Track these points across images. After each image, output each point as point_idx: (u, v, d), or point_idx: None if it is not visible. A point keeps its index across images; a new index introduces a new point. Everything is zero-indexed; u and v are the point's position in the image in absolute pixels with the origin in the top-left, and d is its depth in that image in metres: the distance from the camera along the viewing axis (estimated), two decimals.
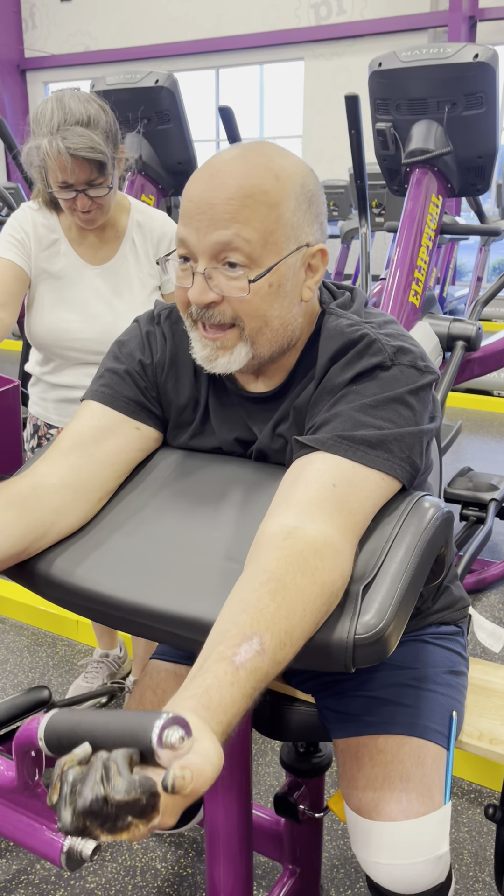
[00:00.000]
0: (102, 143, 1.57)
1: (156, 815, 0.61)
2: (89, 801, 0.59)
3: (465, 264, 9.79)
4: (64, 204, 1.67)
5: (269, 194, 0.93)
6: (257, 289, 0.94)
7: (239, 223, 0.92)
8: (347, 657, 0.82)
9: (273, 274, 0.95)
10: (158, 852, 1.77)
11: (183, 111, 2.77)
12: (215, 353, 0.99)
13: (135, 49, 12.02)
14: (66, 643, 2.60)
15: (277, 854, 1.59)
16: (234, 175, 0.93)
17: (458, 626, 1.27)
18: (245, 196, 0.92)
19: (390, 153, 2.56)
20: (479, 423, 5.28)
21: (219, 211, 0.92)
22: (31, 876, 1.71)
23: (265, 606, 0.78)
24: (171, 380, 1.12)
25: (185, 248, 0.96)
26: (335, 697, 1.18)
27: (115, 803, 0.59)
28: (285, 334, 1.00)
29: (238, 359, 0.99)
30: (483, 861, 1.74)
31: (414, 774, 1.07)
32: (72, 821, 0.60)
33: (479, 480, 3.10)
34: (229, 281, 0.94)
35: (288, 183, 0.95)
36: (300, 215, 0.96)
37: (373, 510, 0.93)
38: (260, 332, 0.98)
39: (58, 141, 1.53)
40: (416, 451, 0.97)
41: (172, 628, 0.90)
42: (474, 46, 2.29)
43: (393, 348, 0.98)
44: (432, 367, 1.01)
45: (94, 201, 1.63)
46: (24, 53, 13.34)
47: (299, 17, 10.82)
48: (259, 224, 0.93)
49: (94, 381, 1.14)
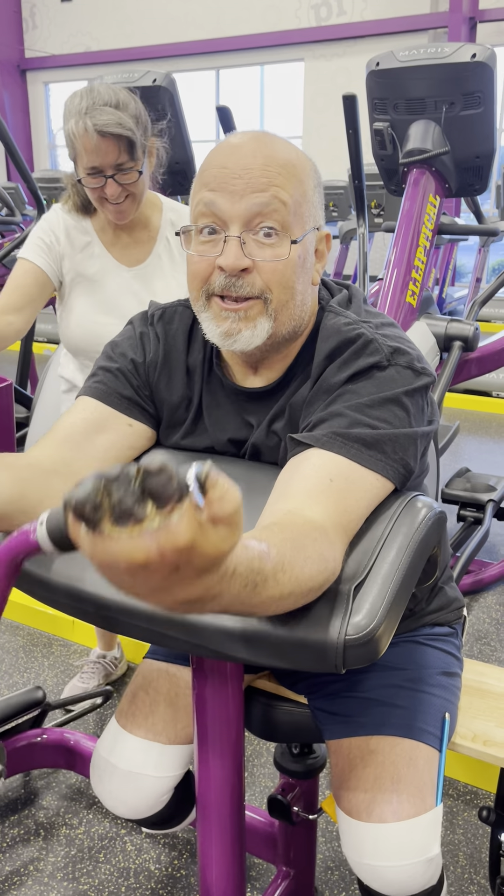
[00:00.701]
0: (132, 124, 1.56)
1: (176, 510, 0.52)
2: (118, 469, 0.52)
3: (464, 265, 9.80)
4: (93, 195, 1.63)
5: (296, 168, 0.96)
6: (293, 255, 0.96)
7: (276, 186, 0.94)
8: (338, 658, 0.81)
9: (301, 245, 0.97)
10: (152, 854, 1.77)
11: (181, 111, 2.76)
12: (237, 326, 0.97)
13: (135, 49, 12.02)
14: (62, 643, 2.60)
15: (271, 856, 1.58)
16: (263, 147, 0.95)
17: (452, 628, 1.27)
18: (280, 165, 0.94)
19: (388, 153, 2.56)
20: (478, 423, 5.27)
21: (256, 175, 0.93)
22: (25, 877, 1.70)
23: (272, 535, 0.76)
24: (163, 379, 1.12)
25: (213, 216, 0.95)
26: (328, 698, 1.17)
27: (143, 468, 0.52)
28: (301, 315, 1.01)
29: (261, 333, 0.97)
30: (478, 863, 1.73)
31: (405, 776, 1.06)
32: (91, 487, 0.52)
33: (477, 481, 3.09)
34: (265, 248, 0.95)
35: (307, 163, 0.99)
36: (317, 197, 1.00)
37: (366, 511, 0.92)
38: (285, 307, 0.97)
39: (85, 120, 1.53)
40: (410, 453, 0.96)
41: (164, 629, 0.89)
42: (472, 46, 2.28)
43: (390, 349, 0.98)
44: (429, 370, 1.00)
45: (123, 189, 1.60)
46: (25, 53, 13.35)
47: (299, 18, 10.82)
48: (292, 193, 0.95)
49: (88, 378, 1.14)
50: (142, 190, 1.66)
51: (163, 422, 1.14)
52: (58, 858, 1.75)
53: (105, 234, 1.75)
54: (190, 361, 1.11)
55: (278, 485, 0.94)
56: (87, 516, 0.52)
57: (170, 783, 1.25)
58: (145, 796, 1.24)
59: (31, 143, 13.69)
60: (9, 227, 4.93)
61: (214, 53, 11.61)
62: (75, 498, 0.52)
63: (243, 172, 0.93)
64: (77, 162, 1.60)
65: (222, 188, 0.94)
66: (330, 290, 1.10)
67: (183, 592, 0.57)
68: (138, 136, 1.57)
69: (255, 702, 1.25)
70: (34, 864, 1.74)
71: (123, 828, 1.84)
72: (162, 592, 0.57)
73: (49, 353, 6.26)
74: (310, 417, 0.99)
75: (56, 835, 1.82)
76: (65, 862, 1.74)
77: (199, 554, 0.54)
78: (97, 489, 0.52)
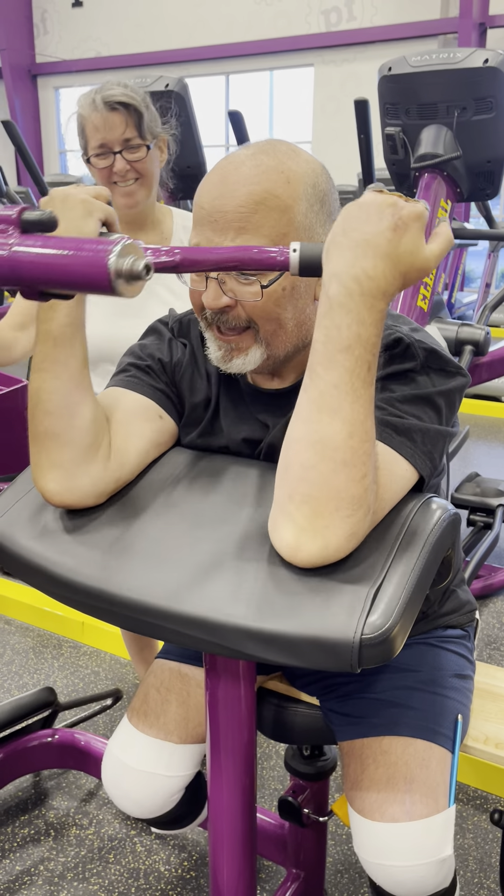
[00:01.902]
0: (139, 98, 1.60)
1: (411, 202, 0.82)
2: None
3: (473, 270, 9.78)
4: (102, 177, 1.64)
5: (280, 198, 0.93)
6: (270, 293, 0.94)
7: (249, 232, 0.92)
8: (354, 657, 0.81)
9: (286, 277, 0.95)
10: (162, 855, 1.77)
11: (193, 116, 2.78)
12: (230, 355, 1.00)
13: (146, 55, 12.08)
14: (72, 645, 2.60)
15: (281, 858, 1.58)
16: (244, 181, 0.93)
17: (464, 630, 1.27)
18: (255, 203, 0.92)
19: (399, 158, 2.56)
20: (488, 428, 5.26)
21: (229, 219, 0.92)
22: (35, 877, 1.70)
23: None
24: (186, 378, 1.13)
25: None
26: (340, 700, 1.17)
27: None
28: (299, 335, 1.00)
29: (253, 360, 0.99)
30: (489, 867, 1.73)
31: (418, 776, 1.06)
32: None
33: (487, 486, 3.09)
34: (242, 286, 0.94)
35: (299, 185, 0.95)
36: (312, 216, 0.96)
37: (394, 500, 0.92)
38: (274, 335, 0.98)
39: (94, 96, 1.57)
40: (438, 449, 0.96)
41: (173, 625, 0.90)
42: (484, 51, 2.29)
43: (425, 352, 0.98)
44: (464, 371, 1.00)
45: (132, 168, 1.62)
46: (36, 59, 13.44)
47: (309, 24, 10.86)
48: (270, 230, 0.93)
49: (116, 374, 1.14)
50: (151, 175, 1.66)
51: (182, 420, 1.15)
52: (68, 859, 1.76)
53: None
54: (208, 366, 1.12)
55: None
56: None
57: (181, 783, 1.25)
58: (156, 795, 1.24)
59: (42, 148, 13.77)
60: None
61: (224, 59, 11.65)
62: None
63: (219, 216, 0.93)
64: (87, 147, 1.63)
65: (202, 230, 0.95)
66: None
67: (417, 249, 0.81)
68: (146, 113, 1.61)
69: (267, 703, 1.25)
70: (44, 865, 1.74)
71: (133, 829, 1.84)
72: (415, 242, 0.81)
73: None
74: None
75: (66, 835, 1.82)
76: (75, 862, 1.75)
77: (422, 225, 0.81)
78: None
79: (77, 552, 0.99)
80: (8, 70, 13.11)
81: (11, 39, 13.05)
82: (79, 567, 0.97)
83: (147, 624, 0.92)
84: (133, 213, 1.71)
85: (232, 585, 0.87)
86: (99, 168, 1.63)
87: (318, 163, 0.99)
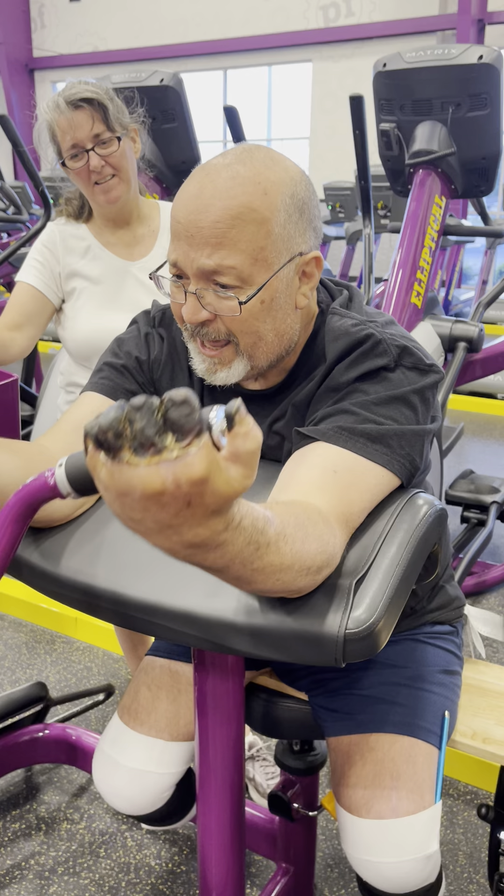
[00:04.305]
0: (102, 92, 1.59)
1: (194, 444, 0.54)
2: (142, 399, 0.54)
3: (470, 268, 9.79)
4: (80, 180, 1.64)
5: (257, 211, 0.91)
6: (249, 308, 0.94)
7: (225, 248, 0.91)
8: (338, 651, 0.81)
9: (265, 291, 0.94)
10: (153, 849, 1.77)
11: (188, 111, 2.77)
12: (214, 368, 1.00)
13: (143, 49, 12.05)
14: (65, 640, 2.61)
15: (271, 852, 1.59)
16: (220, 195, 0.91)
17: (452, 626, 1.27)
18: (232, 217, 0.90)
19: (394, 154, 2.56)
20: (482, 425, 5.27)
21: (205, 235, 0.91)
22: (26, 871, 1.71)
23: (275, 508, 0.77)
24: (166, 376, 1.13)
25: (176, 266, 0.95)
26: (328, 695, 1.18)
27: (167, 399, 0.53)
28: (282, 344, 1.00)
29: (236, 372, 1.00)
30: (478, 862, 1.74)
31: (404, 773, 1.07)
32: (113, 416, 0.54)
33: (481, 483, 3.09)
34: (220, 301, 0.94)
35: (277, 197, 0.92)
36: (291, 227, 0.94)
37: (370, 505, 0.93)
38: (255, 347, 0.98)
39: (57, 99, 1.57)
40: (417, 449, 0.97)
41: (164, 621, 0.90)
42: (479, 48, 2.29)
43: (397, 349, 0.98)
44: (437, 367, 1.01)
45: (107, 163, 1.61)
46: (33, 53, 13.39)
47: (308, 19, 10.83)
48: (247, 244, 0.91)
49: (93, 374, 1.14)
50: (127, 168, 1.65)
51: None
52: (59, 853, 1.76)
53: (103, 236, 1.76)
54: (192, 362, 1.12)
55: (282, 476, 0.95)
56: (109, 443, 0.54)
57: (172, 780, 1.25)
58: (147, 793, 1.24)
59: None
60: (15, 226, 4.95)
61: (222, 54, 11.62)
62: (98, 424, 0.53)
63: (195, 231, 0.91)
64: (61, 152, 1.62)
65: (179, 244, 0.94)
66: (330, 291, 1.10)
67: (190, 532, 0.59)
68: (110, 105, 1.60)
69: (257, 698, 1.25)
70: (35, 859, 1.74)
71: (124, 823, 1.84)
72: (170, 530, 0.59)
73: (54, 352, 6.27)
74: (315, 414, 1.00)
75: (57, 830, 1.83)
76: (66, 857, 1.75)
77: (213, 491, 0.56)
78: (119, 417, 0.53)
79: (65, 547, 0.99)
80: (5, 64, 13.06)
81: (8, 33, 13.00)
82: (66, 562, 0.97)
83: (134, 619, 0.92)
84: (116, 209, 1.70)
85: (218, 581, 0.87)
86: (75, 170, 1.62)
87: (297, 170, 0.97)
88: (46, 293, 1.74)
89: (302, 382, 1.05)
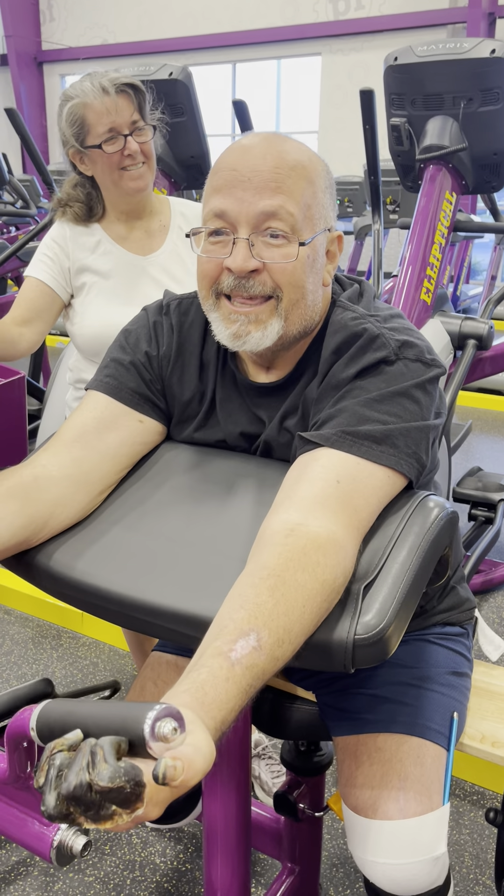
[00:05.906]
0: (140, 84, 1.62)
1: (140, 806, 0.60)
2: (73, 786, 0.59)
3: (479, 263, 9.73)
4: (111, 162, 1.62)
5: (307, 169, 0.96)
6: (302, 256, 0.96)
7: (284, 193, 0.94)
8: (347, 657, 0.81)
9: (310, 247, 0.97)
10: (158, 847, 1.77)
11: (197, 104, 2.76)
12: (246, 329, 0.98)
13: (152, 42, 12.01)
14: (71, 636, 2.61)
15: (276, 852, 1.58)
16: (273, 150, 0.95)
17: (463, 628, 1.26)
18: (290, 167, 0.94)
19: (404, 149, 2.54)
20: (490, 422, 5.24)
21: (265, 178, 0.93)
22: (31, 868, 1.71)
23: (263, 602, 0.77)
24: (176, 373, 1.12)
25: (222, 219, 0.96)
26: (336, 695, 1.17)
27: (99, 789, 0.59)
28: (312, 314, 1.01)
29: (271, 334, 0.98)
30: (484, 864, 1.73)
31: (412, 774, 1.06)
32: (55, 805, 0.60)
33: (489, 480, 3.08)
34: (273, 249, 0.95)
35: (319, 164, 0.99)
36: (328, 198, 0.99)
37: (378, 507, 0.92)
38: (296, 306, 0.98)
39: (101, 81, 1.58)
40: (423, 446, 0.96)
41: (171, 625, 0.89)
42: (491, 42, 2.26)
43: (397, 342, 0.97)
44: (438, 361, 1.00)
45: (141, 149, 1.63)
46: (42, 46, 13.36)
47: (317, 12, 10.77)
48: (301, 196, 0.95)
49: (99, 370, 1.13)
50: (154, 158, 1.68)
51: (174, 416, 1.14)
52: None
53: (114, 231, 1.75)
54: (205, 355, 1.11)
55: (285, 485, 0.94)
56: (65, 821, 0.61)
57: None
58: None
59: (47, 136, 13.71)
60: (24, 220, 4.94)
61: (231, 47, 11.58)
62: (47, 813, 0.60)
63: (253, 175, 0.93)
64: (88, 135, 1.61)
65: (232, 191, 0.94)
66: (342, 285, 1.10)
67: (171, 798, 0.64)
68: (148, 95, 1.64)
69: (263, 698, 1.24)
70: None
71: None
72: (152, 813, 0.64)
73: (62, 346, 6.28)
74: (319, 414, 0.99)
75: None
76: None
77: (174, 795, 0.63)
78: (61, 810, 0.60)
79: (72, 549, 0.99)
80: (14, 57, 13.04)
81: (18, 26, 12.98)
82: (74, 564, 0.97)
83: (141, 622, 0.92)
84: (137, 200, 1.71)
85: (226, 584, 0.86)
86: (109, 153, 1.62)
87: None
88: (55, 288, 1.73)
89: (308, 375, 1.04)
